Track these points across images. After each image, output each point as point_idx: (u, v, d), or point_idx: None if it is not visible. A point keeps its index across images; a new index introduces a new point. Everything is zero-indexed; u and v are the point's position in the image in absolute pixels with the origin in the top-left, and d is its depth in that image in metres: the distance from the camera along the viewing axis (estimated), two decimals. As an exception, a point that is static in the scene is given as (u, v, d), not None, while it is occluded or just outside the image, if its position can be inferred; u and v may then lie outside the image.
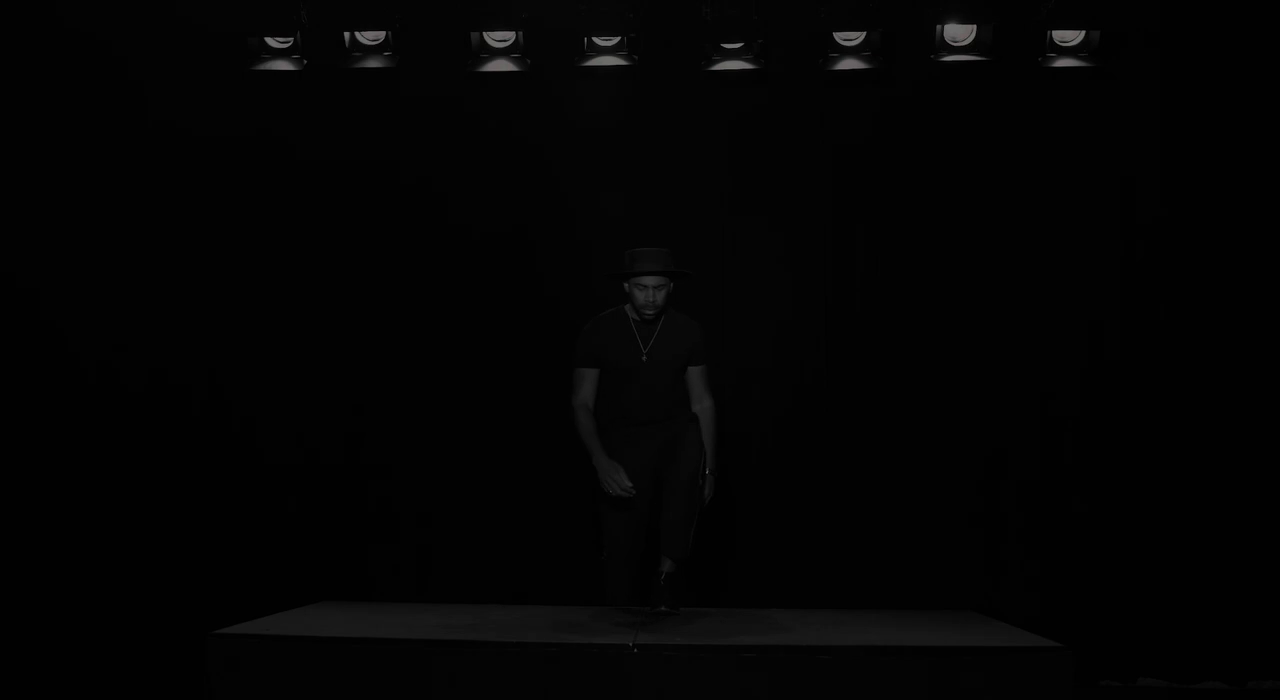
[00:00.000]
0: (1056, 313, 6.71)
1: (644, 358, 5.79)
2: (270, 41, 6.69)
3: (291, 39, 6.68)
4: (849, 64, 6.63)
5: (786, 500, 6.75)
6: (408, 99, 6.83)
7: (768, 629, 5.51)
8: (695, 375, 5.90)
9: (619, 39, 6.63)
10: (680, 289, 5.80)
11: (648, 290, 5.75)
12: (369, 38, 6.69)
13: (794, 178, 6.80)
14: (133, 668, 6.57)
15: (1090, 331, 6.70)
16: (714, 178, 6.81)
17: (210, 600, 6.51)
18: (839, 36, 6.60)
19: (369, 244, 6.85)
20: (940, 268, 6.75)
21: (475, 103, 6.85)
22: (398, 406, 6.83)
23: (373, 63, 6.71)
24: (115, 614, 6.69)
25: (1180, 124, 6.66)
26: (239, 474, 6.80)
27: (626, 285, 5.78)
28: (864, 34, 6.58)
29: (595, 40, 6.64)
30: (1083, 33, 6.54)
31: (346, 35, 6.68)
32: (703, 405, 5.88)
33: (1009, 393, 6.71)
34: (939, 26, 6.56)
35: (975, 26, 6.55)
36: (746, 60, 6.64)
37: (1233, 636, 6.54)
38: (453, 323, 6.83)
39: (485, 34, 6.64)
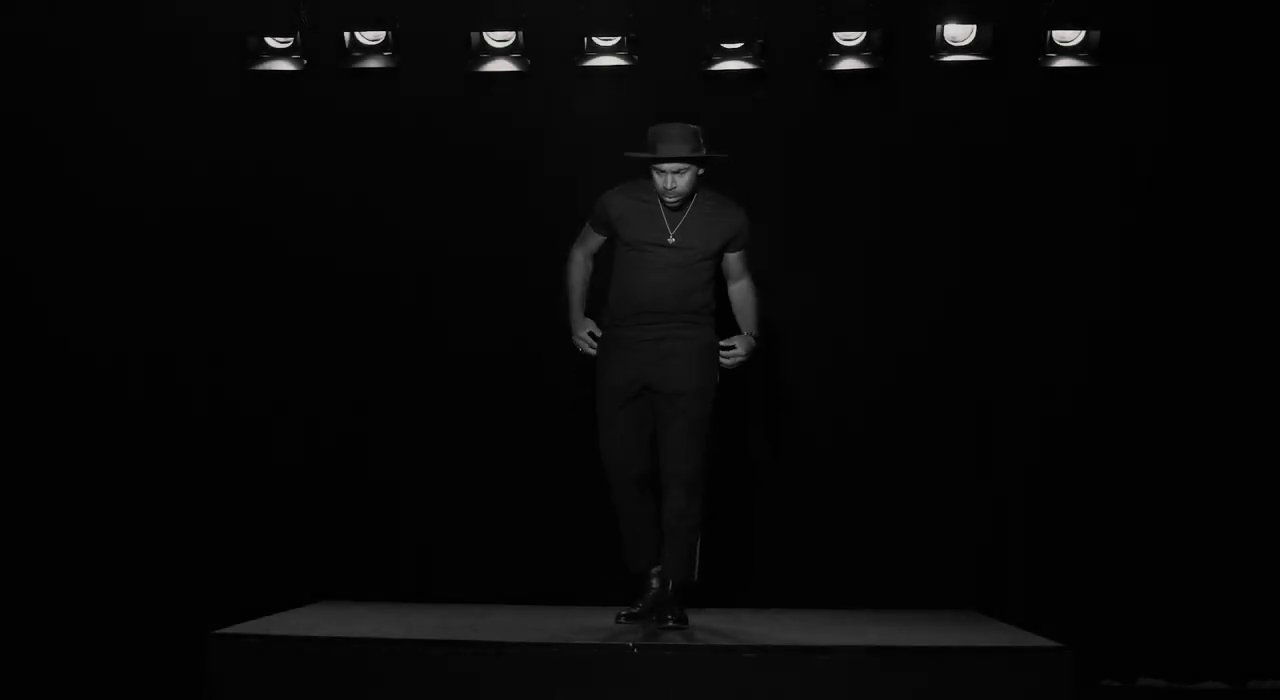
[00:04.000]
0: (1056, 312, 6.71)
1: (670, 239, 5.19)
2: (270, 41, 6.69)
3: (291, 39, 6.67)
4: (849, 64, 6.62)
5: (786, 500, 6.75)
6: (410, 98, 6.83)
7: (768, 629, 5.51)
8: (734, 259, 5.33)
9: (619, 39, 6.63)
10: None
11: (666, 175, 5.14)
12: (369, 38, 6.69)
13: (793, 178, 6.79)
14: (133, 668, 6.56)
15: (1090, 331, 6.69)
16: (714, 178, 6.79)
17: (210, 600, 6.50)
18: (839, 36, 6.59)
19: (371, 243, 6.84)
20: (940, 267, 6.75)
21: (475, 102, 6.84)
22: (400, 406, 6.82)
23: (373, 63, 6.70)
24: (115, 614, 6.69)
25: (1180, 124, 6.65)
26: (240, 473, 6.79)
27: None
28: (864, 34, 6.57)
29: (595, 40, 6.64)
30: (1083, 33, 6.54)
31: (346, 35, 6.68)
32: (740, 284, 5.35)
33: (1008, 392, 6.70)
34: (939, 26, 6.56)
35: (975, 26, 6.55)
36: (746, 60, 6.63)
37: (1233, 636, 6.53)
38: (455, 321, 6.82)
39: (485, 34, 6.64)
